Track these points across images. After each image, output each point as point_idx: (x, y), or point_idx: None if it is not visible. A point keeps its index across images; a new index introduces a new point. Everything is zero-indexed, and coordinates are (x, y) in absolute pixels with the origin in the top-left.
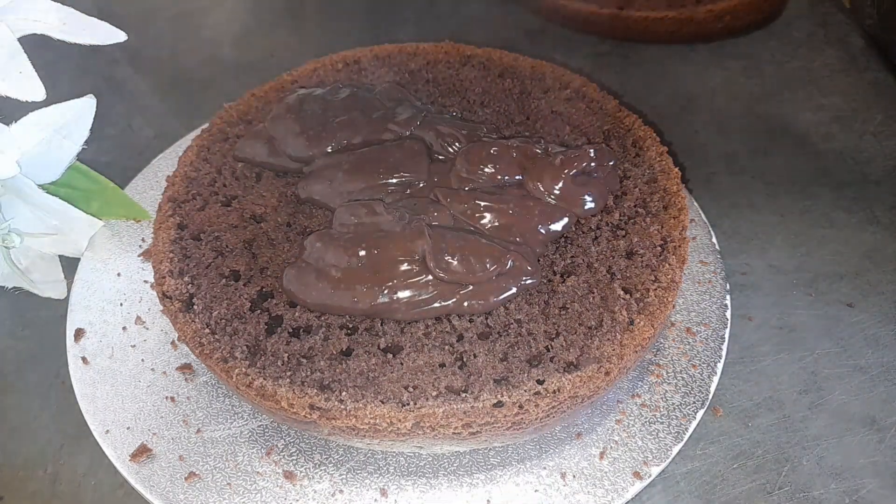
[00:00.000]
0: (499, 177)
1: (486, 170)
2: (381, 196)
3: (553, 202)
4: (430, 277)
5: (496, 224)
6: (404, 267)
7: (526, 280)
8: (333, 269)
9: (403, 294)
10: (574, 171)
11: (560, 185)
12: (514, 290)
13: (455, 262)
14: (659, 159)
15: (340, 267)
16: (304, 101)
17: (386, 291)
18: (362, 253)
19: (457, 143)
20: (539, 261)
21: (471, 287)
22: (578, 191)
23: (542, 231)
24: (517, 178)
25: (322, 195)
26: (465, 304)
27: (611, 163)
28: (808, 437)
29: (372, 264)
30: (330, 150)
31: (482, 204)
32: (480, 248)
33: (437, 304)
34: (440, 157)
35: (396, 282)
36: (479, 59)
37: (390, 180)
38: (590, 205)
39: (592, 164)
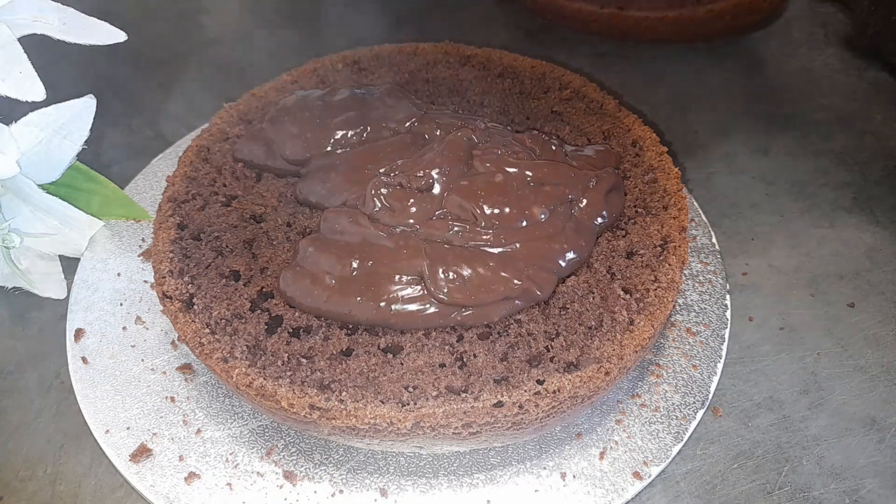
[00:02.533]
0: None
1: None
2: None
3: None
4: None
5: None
6: (401, 283)
7: (532, 302)
8: (328, 276)
9: (400, 309)
10: (606, 191)
11: (595, 206)
12: (514, 307)
13: (457, 286)
14: (659, 159)
15: (334, 274)
16: (300, 104)
17: (382, 305)
18: (355, 264)
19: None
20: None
21: (471, 309)
22: (603, 208)
23: (570, 257)
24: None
25: (318, 196)
26: (468, 322)
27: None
28: (808, 437)
29: (366, 276)
30: (327, 152)
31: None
32: (487, 273)
33: (437, 321)
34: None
35: (393, 296)
36: (479, 59)
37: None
38: (602, 221)
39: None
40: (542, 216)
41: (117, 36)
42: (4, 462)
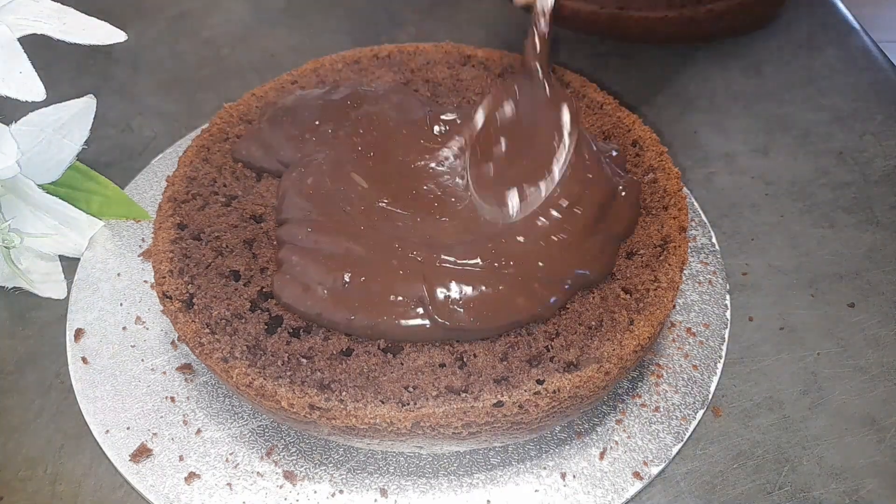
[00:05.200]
0: None
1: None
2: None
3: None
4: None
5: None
6: (400, 305)
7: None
8: (319, 286)
9: (398, 325)
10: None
11: (621, 221)
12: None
13: (461, 313)
14: (659, 159)
15: (326, 286)
16: (299, 103)
17: (380, 321)
18: (346, 277)
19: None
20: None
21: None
22: (627, 223)
23: (590, 276)
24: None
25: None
26: (471, 338)
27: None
28: (808, 437)
29: (361, 292)
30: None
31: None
32: (497, 297)
33: (438, 337)
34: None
35: (391, 316)
36: (479, 59)
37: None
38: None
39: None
40: (563, 234)
41: (117, 36)
42: (4, 462)
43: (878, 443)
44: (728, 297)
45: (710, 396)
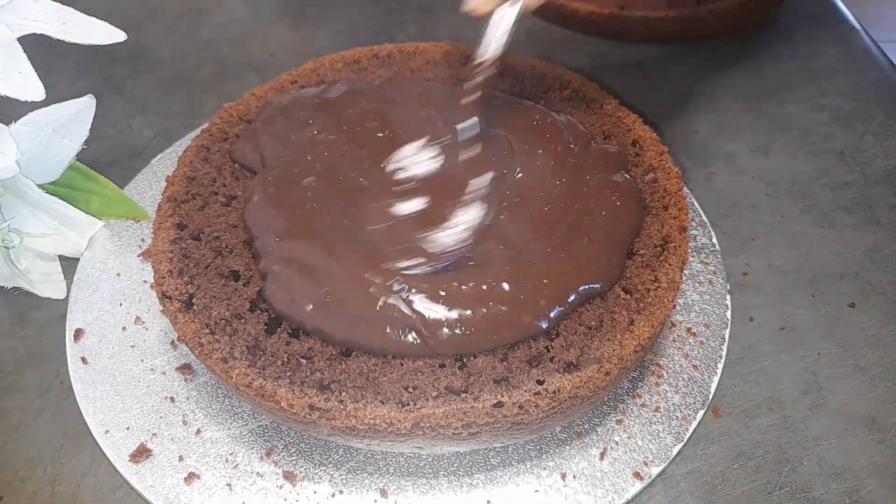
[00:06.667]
0: None
1: None
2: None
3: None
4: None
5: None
6: (391, 336)
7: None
8: (304, 299)
9: (392, 344)
10: None
11: (625, 227)
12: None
13: (456, 336)
14: (659, 159)
15: (311, 300)
16: (294, 103)
17: (372, 342)
18: (326, 297)
19: None
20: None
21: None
22: (631, 229)
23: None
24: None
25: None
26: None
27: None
28: (809, 437)
29: (342, 312)
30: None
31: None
32: (498, 320)
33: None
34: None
35: (381, 338)
36: None
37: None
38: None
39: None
40: (565, 245)
41: (117, 36)
42: (4, 462)
43: (879, 443)
44: (728, 297)
45: (711, 396)
